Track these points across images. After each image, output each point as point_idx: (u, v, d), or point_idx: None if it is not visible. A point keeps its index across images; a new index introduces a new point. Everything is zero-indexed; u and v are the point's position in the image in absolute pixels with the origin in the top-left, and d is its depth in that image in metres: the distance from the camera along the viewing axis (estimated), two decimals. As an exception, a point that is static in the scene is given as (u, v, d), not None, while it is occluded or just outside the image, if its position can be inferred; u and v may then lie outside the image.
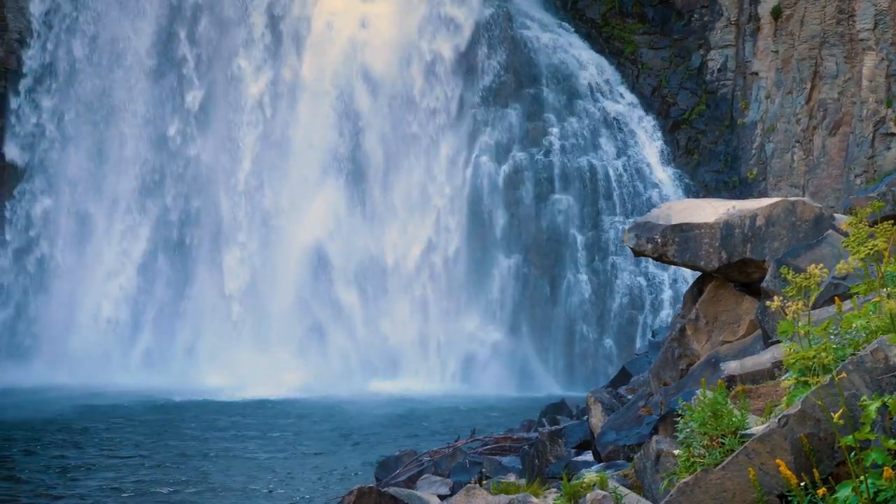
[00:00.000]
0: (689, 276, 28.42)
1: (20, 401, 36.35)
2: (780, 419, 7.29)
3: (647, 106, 45.43)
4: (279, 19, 45.45)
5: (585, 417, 16.02)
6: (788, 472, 6.74)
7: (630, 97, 45.42)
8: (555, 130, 44.19)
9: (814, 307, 8.60)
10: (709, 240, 13.63)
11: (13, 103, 44.95)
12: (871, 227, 8.04)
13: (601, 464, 13.38)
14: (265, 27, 45.38)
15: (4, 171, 44.71)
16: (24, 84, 45.06)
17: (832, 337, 7.77)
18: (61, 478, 24.97)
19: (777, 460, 6.97)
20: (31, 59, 45.21)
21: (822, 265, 7.99)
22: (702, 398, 8.02)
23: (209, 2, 45.67)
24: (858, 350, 7.47)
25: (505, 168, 43.80)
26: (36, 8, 45.32)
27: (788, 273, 8.12)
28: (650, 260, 19.36)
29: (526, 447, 16.57)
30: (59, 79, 45.37)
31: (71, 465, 26.53)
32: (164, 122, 45.27)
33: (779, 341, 10.12)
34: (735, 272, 13.70)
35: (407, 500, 13.96)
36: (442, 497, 14.74)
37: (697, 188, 43.16)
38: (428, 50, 45.05)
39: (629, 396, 15.76)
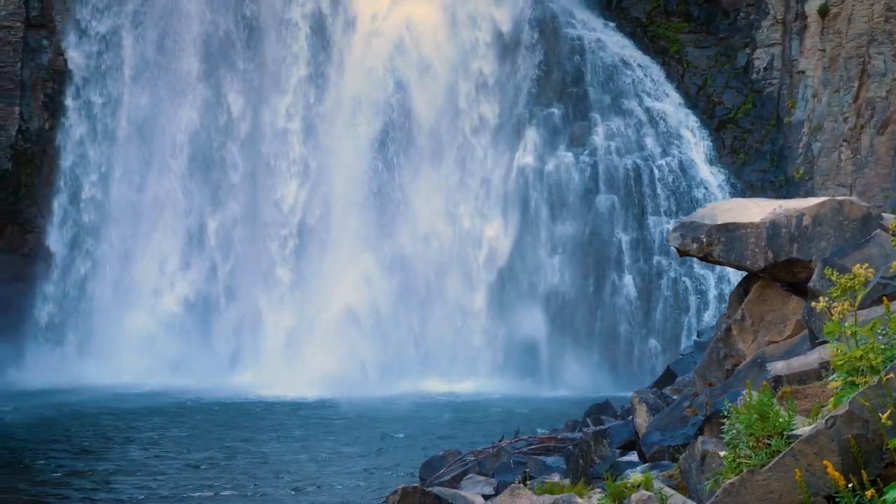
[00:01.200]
0: (735, 275, 28.26)
1: (61, 400, 36.70)
2: (827, 420, 7.24)
3: (693, 105, 45.21)
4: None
5: (630, 418, 15.96)
6: (836, 474, 6.70)
7: (675, 96, 45.23)
8: (599, 130, 44.07)
9: (861, 307, 8.52)
10: (755, 239, 13.54)
11: (64, 104, 45.30)
12: (919, 226, 7.96)
13: (646, 464, 13.33)
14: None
15: (54, 172, 45.06)
16: (73, 85, 45.40)
17: (880, 337, 7.70)
18: (103, 478, 25.16)
19: (824, 461, 6.92)
20: (80, 60, 45.53)
21: (868, 265, 7.92)
22: (748, 399, 7.97)
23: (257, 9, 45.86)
24: (907, 350, 7.40)
25: (549, 168, 43.71)
26: (83, 10, 45.65)
27: (833, 274, 8.06)
28: (695, 260, 19.26)
29: (570, 447, 16.53)
30: (107, 80, 45.68)
31: (112, 467, 26.72)
32: (207, 131, 45.46)
33: (826, 342, 10.04)
34: (781, 272, 13.60)
35: (451, 500, 13.96)
36: (486, 497, 14.72)
37: (743, 188, 42.90)
38: (472, 50, 45.02)
39: (674, 397, 15.68)
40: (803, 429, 7.62)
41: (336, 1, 45.76)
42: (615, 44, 46.25)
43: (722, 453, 8.27)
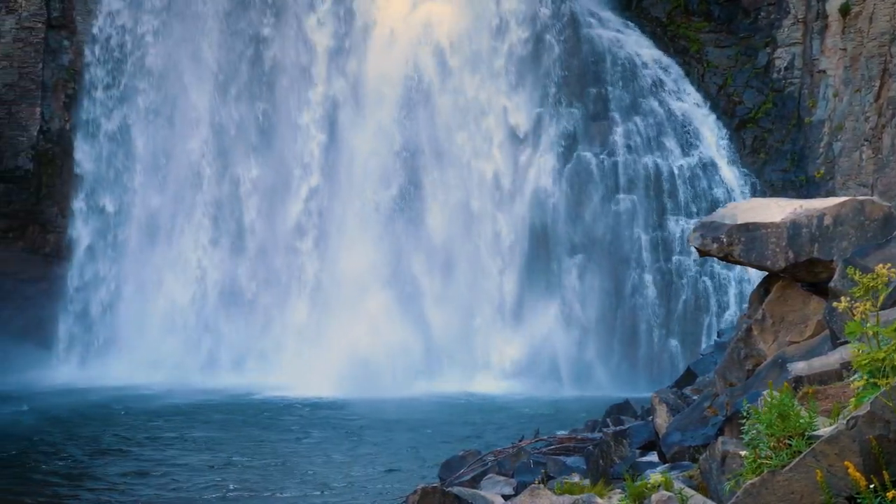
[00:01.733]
0: (755, 275, 28.19)
1: (80, 399, 36.84)
2: (848, 421, 7.21)
3: (713, 104, 45.09)
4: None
5: (650, 418, 15.93)
6: (857, 475, 6.67)
7: (695, 96, 45.12)
8: (619, 130, 44.00)
9: (883, 307, 8.49)
10: (775, 239, 13.50)
11: (83, 104, 45.46)
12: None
13: (666, 465, 13.31)
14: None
15: (75, 172, 45.21)
16: (93, 85, 45.55)
17: (902, 338, 7.66)
18: (119, 479, 25.24)
19: (845, 462, 6.90)
20: (100, 60, 45.69)
21: (890, 265, 7.89)
22: (769, 399, 7.95)
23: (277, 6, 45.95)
24: (929, 351, 7.37)
25: (569, 167, 43.67)
26: (104, 9, 45.79)
27: (855, 273, 8.03)
28: (716, 260, 19.21)
29: (590, 447, 16.51)
30: (127, 79, 45.81)
31: (130, 467, 26.82)
32: (228, 129, 45.57)
33: (847, 342, 10.01)
34: (802, 272, 13.56)
35: (471, 500, 13.96)
36: (506, 497, 14.72)
37: (764, 187, 42.77)
38: (490, 49, 45.02)
39: (694, 397, 15.65)
40: (824, 429, 7.60)
41: (351, 11, 45.76)
42: (635, 43, 46.17)
43: (742, 454, 8.25)
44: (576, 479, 13.96)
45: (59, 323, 44.54)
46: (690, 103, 44.90)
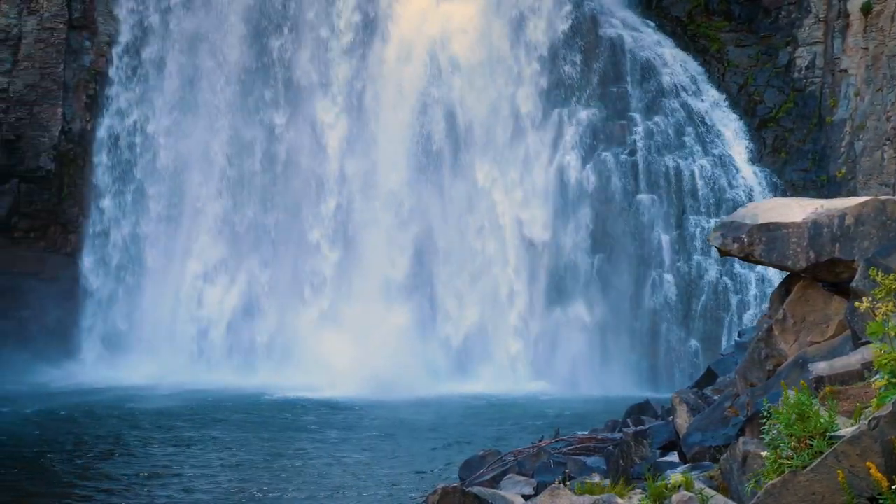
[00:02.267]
0: (776, 275, 28.10)
1: (101, 399, 36.97)
2: (870, 421, 7.18)
3: (733, 104, 44.96)
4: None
5: (671, 418, 15.90)
6: (879, 475, 6.64)
7: (716, 95, 45.01)
8: (639, 129, 43.93)
9: (905, 307, 8.44)
10: (796, 239, 13.46)
11: (104, 105, 45.59)
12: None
13: (686, 465, 13.28)
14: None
15: (95, 172, 45.36)
16: (114, 86, 45.68)
17: (924, 338, 7.63)
18: (153, 478, 25.31)
19: (867, 463, 6.87)
20: (121, 61, 45.82)
21: (913, 265, 7.84)
22: (787, 400, 7.93)
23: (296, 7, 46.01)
24: (951, 351, 7.33)
25: (589, 167, 43.61)
26: (125, 10, 45.92)
27: (877, 274, 7.99)
28: (736, 259, 19.15)
29: (610, 447, 16.49)
30: (148, 81, 45.94)
31: (158, 467, 26.89)
32: (249, 127, 45.65)
33: (869, 342, 9.97)
34: (823, 272, 13.51)
35: (491, 500, 13.95)
36: (526, 497, 14.71)
37: (785, 187, 42.63)
38: (511, 49, 44.99)
39: (715, 397, 15.61)
40: (846, 430, 7.57)
41: (373, 18, 45.79)
42: (655, 43, 46.09)
43: (763, 454, 8.23)
44: (596, 479, 13.94)
45: (80, 322, 44.69)
46: (711, 103, 44.79)
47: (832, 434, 7.60)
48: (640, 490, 11.60)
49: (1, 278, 43.78)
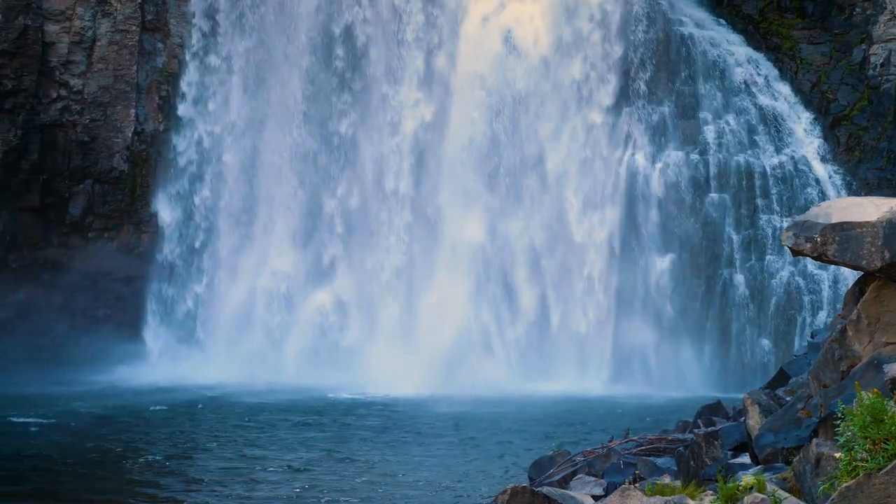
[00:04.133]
0: (850, 275, 27.78)
1: (170, 398, 37.34)
2: (946, 423, 7.07)
3: (806, 102, 44.50)
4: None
5: (742, 419, 15.76)
6: (956, 478, 6.54)
7: (788, 93, 44.56)
8: (710, 128, 43.62)
9: (982, 308, 8.31)
10: (871, 239, 13.28)
11: (179, 108, 45.99)
12: None
13: (758, 466, 13.16)
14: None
15: (168, 173, 45.84)
16: (185, 87, 46.07)
17: None
18: (220, 473, 25.52)
19: (944, 466, 6.77)
20: (192, 62, 46.22)
21: None
22: (861, 401, 7.83)
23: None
24: None
25: (659, 166, 43.38)
26: (198, 12, 46.28)
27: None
28: (809, 259, 18.96)
29: (681, 448, 16.38)
30: (219, 82, 46.28)
31: (222, 465, 27.11)
32: (321, 123, 45.86)
33: (945, 343, 9.83)
34: (898, 272, 13.31)
35: (560, 500, 13.92)
36: (596, 497, 14.67)
37: (858, 186, 42.11)
38: (581, 48, 44.84)
39: (788, 398, 15.44)
40: (922, 432, 7.46)
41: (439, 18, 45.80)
42: (726, 41, 45.73)
43: (837, 456, 8.14)
44: (666, 480, 13.86)
45: (152, 321, 45.15)
46: (783, 101, 44.36)
47: (908, 436, 7.50)
48: (711, 492, 11.53)
49: (75, 277, 44.42)
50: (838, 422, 8.20)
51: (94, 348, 42.79)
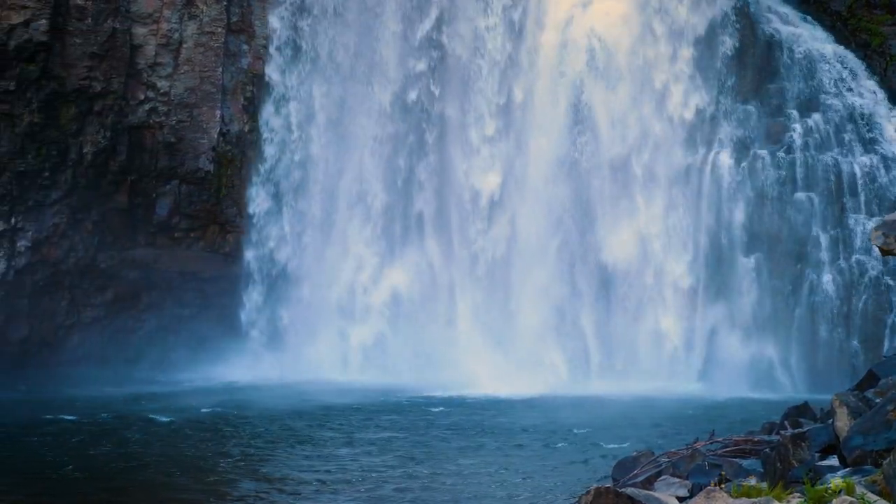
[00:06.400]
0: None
1: (255, 397, 37.71)
2: None
3: (895, 100, 43.81)
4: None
5: (830, 421, 15.55)
6: None
7: (877, 91, 43.88)
8: (797, 126, 43.10)
9: None
10: (963, 237, 13.05)
11: (264, 109, 46.32)
12: None
13: (847, 469, 12.98)
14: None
15: (253, 174, 46.21)
16: (270, 88, 46.41)
17: None
18: (307, 472, 25.69)
19: None
20: (277, 63, 46.54)
21: None
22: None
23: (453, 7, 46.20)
24: None
25: (745, 165, 42.96)
26: (284, 12, 46.58)
27: None
28: (899, 259, 18.69)
29: (767, 450, 16.19)
30: (303, 83, 46.55)
31: (313, 465, 27.27)
32: (405, 126, 45.97)
33: None
34: None
35: (645, 501, 13.82)
36: (680, 499, 14.54)
37: (949, 185, 41.41)
38: (665, 45, 44.53)
39: (877, 400, 15.20)
40: None
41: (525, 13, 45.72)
42: (813, 38, 45.14)
43: (929, 459, 7.99)
44: (752, 482, 13.72)
45: (238, 320, 45.53)
46: (872, 99, 43.70)
47: None
48: (798, 494, 11.39)
49: (163, 277, 45.00)
50: (930, 424, 8.05)
51: (183, 348, 43.35)
